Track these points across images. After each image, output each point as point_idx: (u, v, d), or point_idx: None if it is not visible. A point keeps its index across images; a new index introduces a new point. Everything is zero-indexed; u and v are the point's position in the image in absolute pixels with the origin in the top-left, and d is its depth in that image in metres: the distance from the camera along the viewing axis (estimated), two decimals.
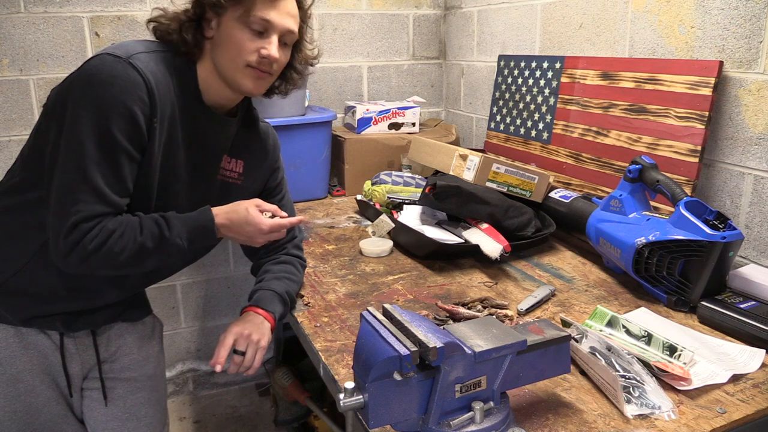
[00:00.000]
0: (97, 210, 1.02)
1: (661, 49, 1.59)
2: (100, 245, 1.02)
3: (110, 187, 1.03)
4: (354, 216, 1.98)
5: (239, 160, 1.28)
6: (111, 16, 2.12)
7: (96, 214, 1.02)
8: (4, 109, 2.08)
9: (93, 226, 1.02)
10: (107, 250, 1.03)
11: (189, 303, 2.50)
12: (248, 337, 1.15)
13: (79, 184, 1.01)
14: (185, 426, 2.40)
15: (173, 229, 1.09)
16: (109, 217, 1.04)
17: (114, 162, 1.02)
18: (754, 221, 1.40)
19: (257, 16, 1.09)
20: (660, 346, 1.06)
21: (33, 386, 1.19)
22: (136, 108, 1.02)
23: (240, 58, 1.11)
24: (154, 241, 1.07)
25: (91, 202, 1.01)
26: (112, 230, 1.03)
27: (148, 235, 1.07)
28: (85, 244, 1.02)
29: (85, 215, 1.01)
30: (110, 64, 1.02)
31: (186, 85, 1.13)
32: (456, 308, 1.24)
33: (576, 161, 1.82)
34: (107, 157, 1.02)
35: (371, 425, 0.78)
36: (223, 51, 1.11)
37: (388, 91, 2.60)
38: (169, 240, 1.08)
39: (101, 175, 1.01)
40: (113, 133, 1.01)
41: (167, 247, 1.09)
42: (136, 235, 1.06)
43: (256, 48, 1.11)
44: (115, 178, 1.03)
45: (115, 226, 1.04)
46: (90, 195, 1.01)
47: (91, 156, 1.01)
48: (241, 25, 1.10)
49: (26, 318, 1.17)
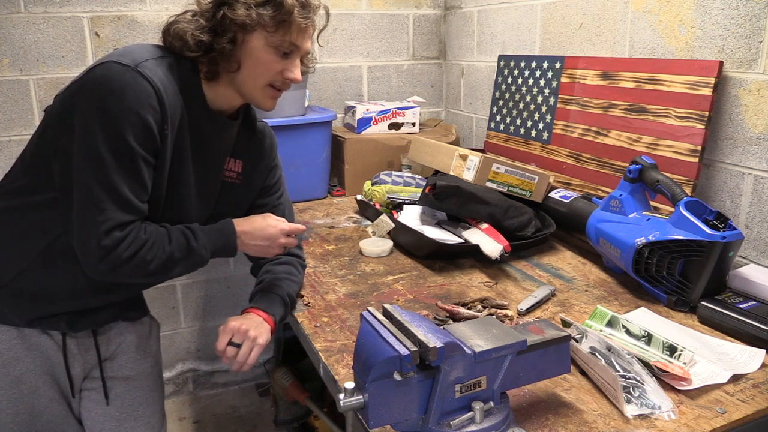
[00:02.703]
0: (125, 218, 1.04)
1: (661, 49, 1.59)
2: (133, 254, 1.05)
3: (134, 193, 1.04)
4: (354, 216, 1.98)
5: (238, 160, 1.28)
6: (111, 16, 2.12)
7: (125, 222, 1.04)
8: (4, 109, 2.08)
9: (126, 234, 1.04)
10: (140, 259, 1.06)
11: (189, 303, 2.50)
12: (245, 332, 1.15)
13: (103, 193, 1.02)
14: (185, 426, 2.40)
15: (199, 240, 1.13)
16: (137, 224, 1.06)
17: (133, 169, 1.04)
18: (754, 221, 1.40)
19: (289, 41, 1.11)
20: (660, 346, 1.06)
21: (36, 387, 1.20)
22: (149, 117, 1.03)
23: (264, 79, 1.13)
24: (182, 251, 1.11)
25: (118, 210, 1.03)
26: (144, 240, 1.06)
27: (176, 245, 1.10)
28: (120, 252, 1.04)
29: (115, 223, 1.03)
30: (119, 74, 1.02)
31: (191, 90, 1.13)
32: (456, 308, 1.24)
33: (576, 161, 1.82)
34: (126, 165, 1.03)
35: (371, 425, 0.78)
36: (246, 69, 1.12)
37: (388, 91, 2.60)
38: (195, 250, 1.13)
39: (123, 184, 1.03)
40: (129, 141, 1.02)
41: (193, 257, 1.13)
42: (164, 245, 1.09)
43: (281, 69, 1.13)
44: (136, 185, 1.05)
45: (147, 236, 1.07)
46: (115, 204, 1.03)
47: (110, 166, 1.01)
48: (270, 47, 1.11)
49: (30, 319, 1.17)
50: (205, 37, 1.09)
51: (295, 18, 1.09)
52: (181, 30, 1.10)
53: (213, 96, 1.16)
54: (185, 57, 1.11)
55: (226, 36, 1.09)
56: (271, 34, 1.09)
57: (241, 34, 1.09)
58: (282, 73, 1.14)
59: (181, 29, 1.10)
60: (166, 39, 1.12)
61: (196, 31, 1.09)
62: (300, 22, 1.10)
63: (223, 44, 1.09)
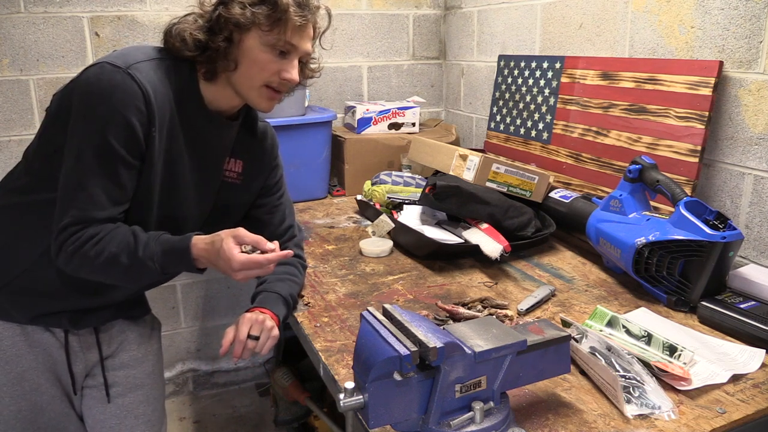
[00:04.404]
0: (89, 216, 1.05)
1: (661, 49, 1.59)
2: (77, 248, 1.05)
3: (107, 194, 1.05)
4: (354, 216, 1.98)
5: (238, 160, 1.28)
6: (111, 16, 2.12)
7: (86, 219, 1.05)
8: (4, 109, 2.08)
9: (78, 230, 1.05)
10: (83, 254, 1.05)
11: (189, 303, 2.50)
12: (262, 322, 1.15)
13: (77, 190, 1.04)
14: (185, 426, 2.40)
15: (147, 249, 1.06)
16: (96, 224, 1.06)
17: (112, 170, 1.04)
18: (754, 221, 1.40)
19: (285, 40, 1.11)
20: (660, 346, 1.06)
21: (38, 385, 1.20)
22: (134, 118, 1.04)
23: (260, 78, 1.12)
24: (129, 257, 1.06)
25: (84, 209, 1.04)
26: (91, 235, 1.05)
27: (123, 248, 1.06)
28: (67, 246, 1.05)
29: (75, 219, 1.04)
30: (109, 74, 1.03)
31: (188, 91, 1.13)
32: (456, 308, 1.24)
33: (576, 161, 1.82)
34: (105, 165, 1.04)
35: (371, 425, 0.78)
36: (242, 68, 1.12)
37: (388, 91, 2.60)
38: (141, 258, 1.06)
39: (98, 183, 1.04)
40: (111, 142, 1.03)
41: (139, 266, 1.06)
42: (111, 245, 1.06)
43: (278, 70, 1.13)
44: (111, 185, 1.05)
45: (95, 231, 1.05)
46: (85, 202, 1.04)
47: (88, 164, 1.03)
48: (266, 47, 1.10)
49: (33, 316, 1.18)
50: (201, 36, 1.09)
51: (291, 16, 1.09)
52: (181, 30, 1.10)
53: (212, 97, 1.16)
54: (184, 58, 1.12)
55: (222, 35, 1.09)
56: (266, 33, 1.09)
57: (237, 33, 1.09)
58: (279, 73, 1.13)
59: (181, 29, 1.10)
60: (168, 40, 1.13)
61: (194, 30, 1.10)
62: (296, 21, 1.09)
63: (218, 43, 1.09)
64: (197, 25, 1.10)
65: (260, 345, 1.14)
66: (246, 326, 1.13)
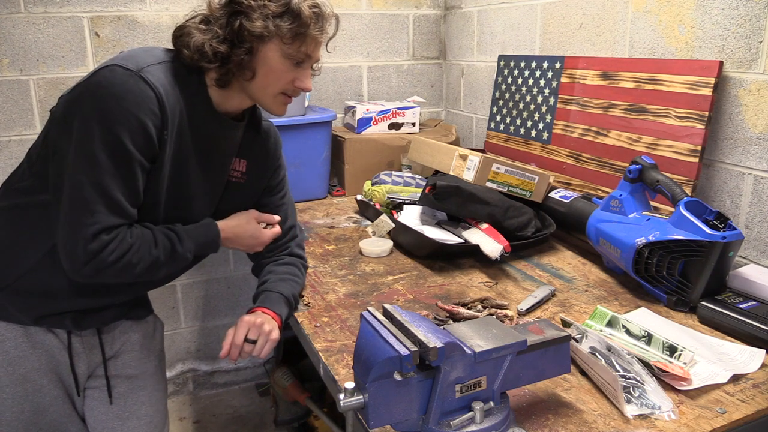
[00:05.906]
0: (114, 221, 1.04)
1: (661, 49, 1.59)
2: (119, 257, 1.05)
3: (126, 197, 1.05)
4: (354, 216, 1.98)
5: (242, 159, 1.29)
6: (111, 16, 2.12)
7: (113, 225, 1.04)
8: (4, 109, 2.08)
9: (112, 238, 1.04)
10: (126, 263, 1.06)
11: (189, 303, 2.50)
12: (260, 326, 1.17)
13: (95, 195, 1.02)
14: (185, 426, 2.40)
15: (184, 244, 1.15)
16: (124, 228, 1.06)
17: (128, 173, 1.04)
18: (754, 221, 1.40)
19: (303, 53, 1.13)
20: (660, 346, 1.06)
21: (41, 386, 1.20)
22: (149, 121, 1.03)
23: (276, 87, 1.15)
24: (166, 255, 1.13)
25: (108, 213, 1.03)
26: (131, 244, 1.06)
27: (161, 249, 1.11)
28: (105, 256, 1.04)
29: (104, 226, 1.03)
30: (122, 78, 1.02)
31: (196, 94, 1.13)
32: (456, 308, 1.24)
33: (576, 161, 1.82)
34: (121, 168, 1.03)
35: (371, 425, 0.78)
36: (259, 77, 1.13)
37: (388, 91, 2.60)
38: (180, 254, 1.15)
39: (117, 187, 1.03)
40: (126, 145, 1.02)
41: (177, 260, 1.15)
42: (150, 249, 1.10)
43: (293, 78, 1.15)
44: (129, 189, 1.05)
45: (133, 240, 1.07)
46: (106, 206, 1.03)
47: (105, 168, 1.02)
48: (284, 57, 1.12)
49: (36, 317, 1.17)
50: (222, 48, 1.09)
51: (312, 31, 1.11)
52: (198, 42, 1.09)
53: (221, 100, 1.17)
54: (192, 60, 1.10)
55: (244, 47, 1.09)
56: (287, 45, 1.11)
57: (258, 44, 1.10)
58: (293, 82, 1.16)
59: (198, 42, 1.09)
60: (181, 50, 1.11)
61: (213, 41, 1.09)
62: (316, 36, 1.13)
63: (241, 56, 1.10)
64: (214, 34, 1.09)
65: (258, 349, 1.16)
66: (243, 330, 1.16)
